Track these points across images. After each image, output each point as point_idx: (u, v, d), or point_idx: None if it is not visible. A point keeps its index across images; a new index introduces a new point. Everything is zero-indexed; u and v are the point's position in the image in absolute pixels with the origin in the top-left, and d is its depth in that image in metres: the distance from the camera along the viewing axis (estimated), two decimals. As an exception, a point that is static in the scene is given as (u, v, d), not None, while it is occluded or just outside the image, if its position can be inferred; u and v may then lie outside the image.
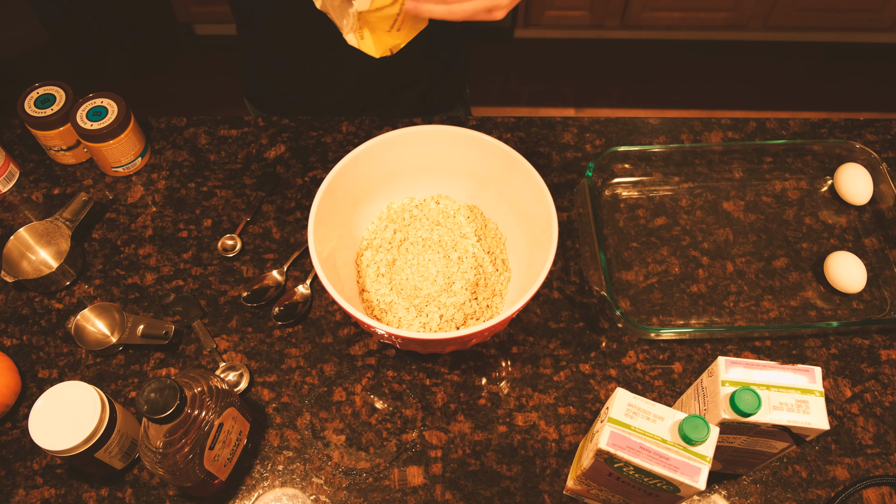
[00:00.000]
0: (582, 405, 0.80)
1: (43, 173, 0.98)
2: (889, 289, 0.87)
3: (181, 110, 2.22)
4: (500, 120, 1.02)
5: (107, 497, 0.75)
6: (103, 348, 0.81)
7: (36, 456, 0.77)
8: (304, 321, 0.85)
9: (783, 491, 0.75)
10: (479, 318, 0.83)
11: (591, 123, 1.02)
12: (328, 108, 1.04)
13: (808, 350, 0.84)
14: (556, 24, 2.28)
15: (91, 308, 0.83)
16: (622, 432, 0.58)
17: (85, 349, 0.82)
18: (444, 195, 0.91)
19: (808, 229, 0.93)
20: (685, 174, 0.96)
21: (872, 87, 2.33)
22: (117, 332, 0.82)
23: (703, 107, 2.27)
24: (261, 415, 0.80)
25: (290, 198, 0.95)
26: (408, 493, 0.75)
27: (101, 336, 0.82)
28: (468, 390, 0.81)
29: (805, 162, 0.97)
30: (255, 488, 0.76)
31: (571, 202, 0.95)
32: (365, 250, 0.87)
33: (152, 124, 1.02)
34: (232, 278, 0.88)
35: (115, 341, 0.81)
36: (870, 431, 0.78)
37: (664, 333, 0.83)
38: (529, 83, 2.32)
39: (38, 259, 0.87)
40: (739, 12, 2.18)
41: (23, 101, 0.92)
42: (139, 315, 0.83)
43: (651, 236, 0.92)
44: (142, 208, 0.94)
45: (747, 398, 0.60)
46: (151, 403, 0.61)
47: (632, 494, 0.64)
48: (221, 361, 0.82)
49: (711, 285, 0.88)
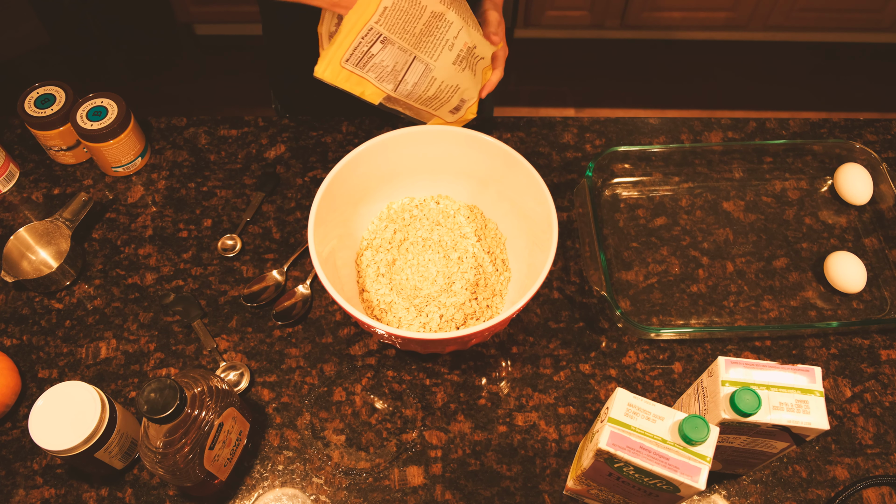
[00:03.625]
0: (582, 405, 0.80)
1: (43, 173, 0.98)
2: (889, 289, 0.87)
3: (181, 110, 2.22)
4: (500, 120, 1.02)
5: (107, 497, 0.75)
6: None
7: (36, 456, 0.77)
8: (304, 321, 0.85)
9: (783, 491, 0.75)
10: (479, 318, 0.83)
11: (591, 123, 1.02)
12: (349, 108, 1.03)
13: (808, 350, 0.84)
14: (556, 24, 2.28)
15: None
16: (622, 432, 0.58)
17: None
18: (444, 195, 0.91)
19: (808, 229, 0.93)
20: (685, 174, 0.96)
21: (872, 87, 2.32)
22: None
23: (703, 107, 2.27)
24: (261, 415, 0.80)
25: (290, 198, 0.95)
26: (408, 493, 0.75)
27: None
28: (468, 390, 0.81)
29: (805, 162, 0.97)
30: (255, 488, 0.76)
31: (571, 202, 0.95)
32: (365, 250, 0.87)
33: (152, 124, 1.02)
34: (232, 278, 0.88)
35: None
36: (870, 431, 0.78)
37: (664, 333, 0.83)
38: (529, 83, 2.32)
39: (38, 259, 0.87)
40: (739, 12, 2.18)
41: (23, 101, 0.93)
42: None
43: (651, 236, 0.92)
44: (142, 208, 0.94)
45: (747, 398, 0.60)
46: (151, 403, 0.61)
47: (632, 494, 0.64)
48: (221, 361, 0.82)
49: (711, 285, 0.88)
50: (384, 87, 0.76)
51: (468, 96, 0.83)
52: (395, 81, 0.76)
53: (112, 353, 0.83)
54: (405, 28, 0.72)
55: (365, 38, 0.71)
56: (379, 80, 0.75)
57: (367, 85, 0.76)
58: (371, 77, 0.75)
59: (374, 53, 0.72)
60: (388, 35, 0.71)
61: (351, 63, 0.73)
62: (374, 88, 0.76)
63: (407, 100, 0.80)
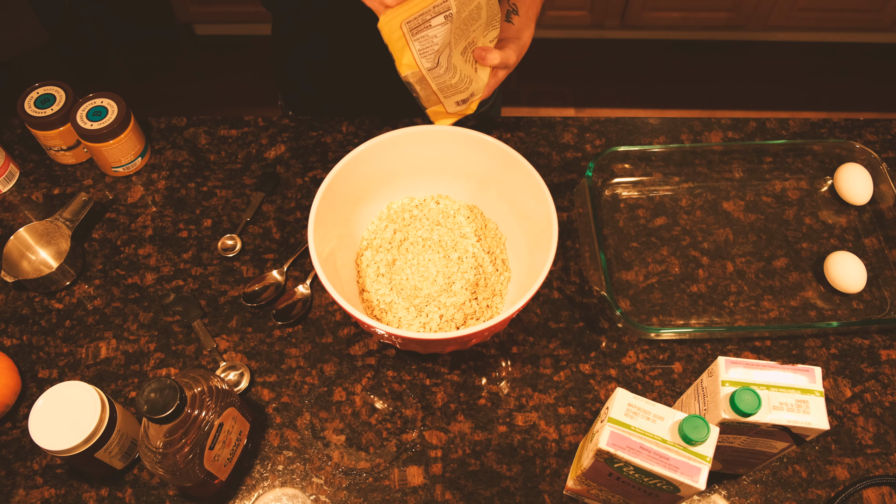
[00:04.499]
0: (582, 405, 0.80)
1: (43, 173, 0.98)
2: (889, 289, 0.87)
3: (181, 110, 2.22)
4: (500, 120, 1.02)
5: (107, 497, 0.75)
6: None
7: (36, 456, 0.77)
8: (304, 321, 0.85)
9: (783, 491, 0.75)
10: (479, 318, 0.83)
11: (591, 123, 1.02)
12: (359, 106, 1.03)
13: (808, 350, 0.84)
14: (556, 24, 2.28)
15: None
16: (622, 432, 0.58)
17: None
18: (444, 195, 0.91)
19: (808, 229, 0.93)
20: (685, 174, 0.96)
21: (872, 87, 2.33)
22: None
23: (703, 107, 2.27)
24: (261, 415, 0.80)
25: (290, 198, 0.95)
26: (408, 493, 0.75)
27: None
28: (468, 390, 0.81)
29: (805, 162, 0.97)
30: (255, 488, 0.76)
31: (571, 202, 0.95)
32: (365, 250, 0.87)
33: (152, 124, 1.02)
34: (232, 278, 0.88)
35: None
36: (870, 431, 0.78)
37: (664, 333, 0.83)
38: (529, 83, 2.32)
39: (38, 259, 0.87)
40: (739, 12, 2.18)
41: (23, 101, 0.93)
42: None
43: (651, 236, 0.92)
44: (142, 208, 0.94)
45: (747, 398, 0.60)
46: (151, 403, 0.61)
47: (632, 494, 0.64)
48: (221, 361, 0.82)
49: (711, 285, 0.88)
50: (422, 62, 0.75)
51: (476, 89, 0.83)
52: (434, 61, 0.75)
53: (112, 353, 0.83)
54: (461, 10, 0.72)
55: (436, 7, 0.70)
56: (421, 54, 0.74)
57: (407, 53, 0.74)
58: (415, 47, 0.73)
59: (431, 25, 0.72)
60: (454, 12, 0.71)
61: (409, 26, 0.71)
62: (411, 59, 0.75)
63: (434, 82, 0.79)
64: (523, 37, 0.86)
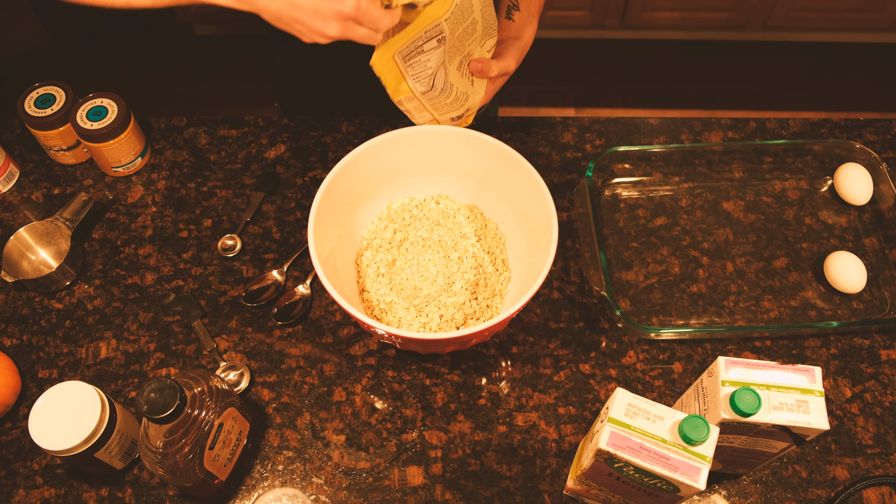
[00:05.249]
0: (582, 405, 0.80)
1: (43, 173, 0.98)
2: (889, 289, 0.87)
3: (181, 110, 2.22)
4: (500, 120, 1.02)
5: (107, 497, 0.75)
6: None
7: (36, 456, 0.77)
8: (304, 321, 0.85)
9: (783, 491, 0.75)
10: (479, 318, 0.83)
11: (591, 123, 1.02)
12: (353, 106, 1.03)
13: (808, 350, 0.84)
14: (556, 24, 2.28)
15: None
16: (622, 432, 0.58)
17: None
18: (444, 195, 0.91)
19: (808, 229, 0.93)
20: (685, 174, 0.96)
21: (872, 87, 2.32)
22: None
23: (703, 107, 2.27)
24: (261, 415, 0.80)
25: (290, 198, 0.95)
26: (408, 493, 0.75)
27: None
28: (468, 390, 0.81)
29: (805, 162, 0.97)
30: (255, 488, 0.76)
31: (571, 202, 0.95)
32: (365, 250, 0.87)
33: (152, 124, 1.02)
34: (232, 278, 0.88)
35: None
36: (870, 431, 0.78)
37: (664, 333, 0.83)
38: (529, 83, 2.32)
39: (38, 259, 0.87)
40: (739, 12, 2.18)
41: (23, 101, 0.92)
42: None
43: (651, 236, 0.92)
44: (142, 208, 0.94)
45: (747, 398, 0.60)
46: (151, 403, 0.61)
47: (632, 494, 0.64)
48: (221, 361, 0.82)
49: (711, 285, 0.88)
50: (416, 87, 0.74)
51: (472, 104, 0.82)
52: (429, 85, 0.75)
53: (112, 353, 0.83)
54: (454, 29, 0.71)
55: (427, 33, 0.69)
56: (414, 80, 0.74)
57: (402, 81, 0.74)
58: (409, 73, 0.73)
59: (424, 50, 0.70)
60: (447, 35, 0.70)
61: (401, 54, 0.71)
62: (406, 86, 0.74)
63: (429, 103, 0.78)
64: (524, 36, 0.84)
